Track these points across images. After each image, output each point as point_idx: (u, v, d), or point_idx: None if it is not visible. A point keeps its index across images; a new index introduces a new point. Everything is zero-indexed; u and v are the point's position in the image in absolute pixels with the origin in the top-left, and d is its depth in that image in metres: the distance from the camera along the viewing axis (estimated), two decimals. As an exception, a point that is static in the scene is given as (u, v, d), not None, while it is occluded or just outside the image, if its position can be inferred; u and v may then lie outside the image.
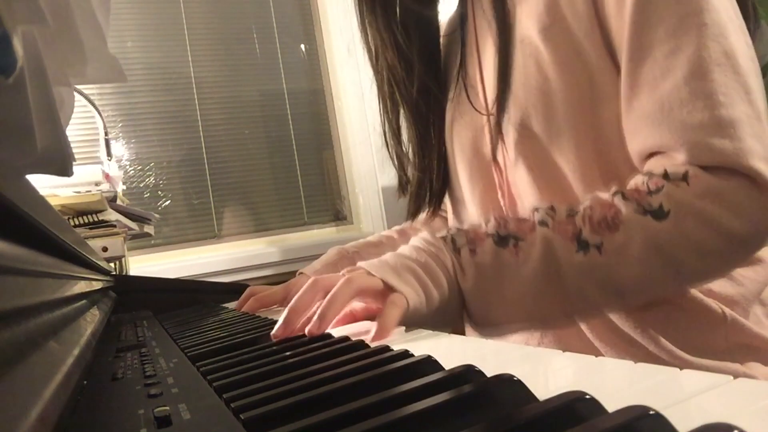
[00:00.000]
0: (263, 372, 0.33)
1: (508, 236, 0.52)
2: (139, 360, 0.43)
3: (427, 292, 0.50)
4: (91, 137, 1.69)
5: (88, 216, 1.03)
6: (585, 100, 0.59)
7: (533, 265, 0.51)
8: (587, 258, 0.50)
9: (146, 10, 2.02)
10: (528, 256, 0.51)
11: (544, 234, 0.51)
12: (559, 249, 0.51)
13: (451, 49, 0.78)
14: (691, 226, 0.49)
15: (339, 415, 0.22)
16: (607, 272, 0.50)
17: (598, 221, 0.51)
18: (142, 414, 0.27)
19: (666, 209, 0.49)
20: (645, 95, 0.54)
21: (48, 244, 0.36)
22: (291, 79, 2.19)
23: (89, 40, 0.41)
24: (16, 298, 0.22)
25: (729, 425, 0.16)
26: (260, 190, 2.12)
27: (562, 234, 0.51)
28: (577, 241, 0.51)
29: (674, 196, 0.49)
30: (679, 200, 0.49)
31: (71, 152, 0.40)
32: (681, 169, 0.50)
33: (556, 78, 0.60)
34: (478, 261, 0.52)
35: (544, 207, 0.54)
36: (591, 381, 0.25)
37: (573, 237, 0.51)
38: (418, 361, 0.29)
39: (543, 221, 0.52)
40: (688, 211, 0.49)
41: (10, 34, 0.24)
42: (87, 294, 0.54)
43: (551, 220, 0.52)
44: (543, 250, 0.51)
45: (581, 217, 0.51)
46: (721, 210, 0.49)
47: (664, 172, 0.50)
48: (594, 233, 0.50)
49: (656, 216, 0.49)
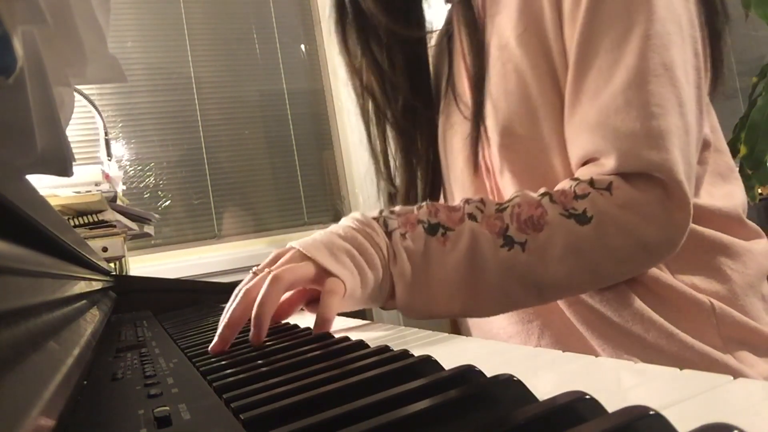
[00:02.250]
0: (263, 372, 0.33)
1: (438, 225, 0.54)
2: (139, 360, 0.43)
3: (362, 274, 0.51)
4: (91, 137, 1.69)
5: (88, 216, 1.03)
6: (559, 103, 0.60)
7: (458, 255, 0.53)
8: (510, 254, 0.53)
9: (146, 10, 2.02)
10: (454, 246, 0.53)
11: (472, 227, 0.54)
12: (485, 243, 0.53)
13: (441, 59, 0.79)
14: (611, 234, 0.52)
15: (339, 415, 0.22)
16: (529, 269, 0.53)
17: (524, 220, 0.53)
18: (142, 414, 0.27)
19: (589, 215, 0.52)
20: (586, 103, 0.56)
21: (48, 244, 0.36)
22: (291, 79, 2.19)
23: (89, 40, 0.41)
24: (16, 298, 0.22)
25: (729, 425, 0.16)
26: (260, 190, 2.12)
27: (489, 228, 0.54)
28: (502, 237, 0.53)
29: (598, 203, 0.52)
30: (602, 208, 0.52)
31: (71, 152, 0.40)
32: (606, 179, 0.53)
33: (533, 83, 0.61)
34: (407, 246, 0.54)
35: (475, 200, 0.56)
36: (591, 381, 0.25)
37: (499, 232, 0.53)
38: (417, 362, 0.29)
39: (472, 214, 0.54)
40: (609, 219, 0.52)
41: (10, 34, 0.24)
42: (87, 294, 0.54)
43: (480, 214, 0.54)
44: (469, 242, 0.53)
45: (509, 214, 0.54)
46: (639, 220, 0.52)
47: (591, 180, 0.53)
48: (520, 231, 0.53)
49: (579, 220, 0.52)
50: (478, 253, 0.53)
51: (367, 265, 0.52)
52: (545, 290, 0.55)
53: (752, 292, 0.61)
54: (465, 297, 0.54)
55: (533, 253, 0.53)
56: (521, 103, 0.62)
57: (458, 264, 0.53)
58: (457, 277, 0.53)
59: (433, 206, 0.56)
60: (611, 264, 0.54)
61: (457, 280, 0.53)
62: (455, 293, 0.54)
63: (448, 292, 0.54)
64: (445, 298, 0.54)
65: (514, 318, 0.67)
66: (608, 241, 0.52)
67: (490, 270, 0.53)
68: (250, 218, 2.08)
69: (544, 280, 0.53)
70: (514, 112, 0.63)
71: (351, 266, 0.51)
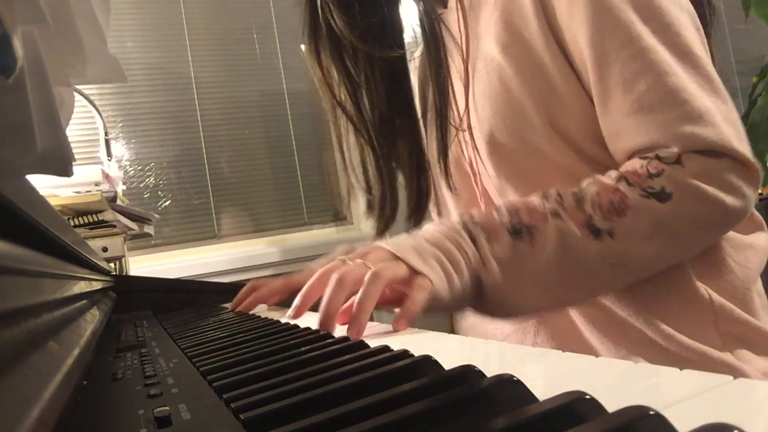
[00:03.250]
0: (263, 372, 0.33)
1: (521, 228, 0.55)
2: (139, 360, 0.43)
3: (449, 278, 0.52)
4: (91, 137, 1.69)
5: (88, 216, 1.03)
6: (550, 109, 0.62)
7: (549, 256, 0.54)
8: (600, 244, 0.53)
9: (146, 10, 2.02)
10: (543, 247, 0.54)
11: (558, 224, 0.54)
12: (573, 238, 0.54)
13: (425, 70, 0.79)
14: (691, 204, 0.53)
15: (339, 415, 0.22)
16: (620, 255, 0.54)
17: (607, 207, 0.54)
18: (142, 414, 0.27)
19: (668, 191, 0.53)
20: (620, 97, 0.57)
21: (48, 244, 0.36)
22: (291, 79, 2.19)
23: (89, 40, 0.41)
24: (16, 298, 0.22)
25: (729, 425, 0.16)
26: (260, 190, 2.12)
27: (574, 223, 0.54)
28: (589, 228, 0.54)
29: (673, 177, 0.53)
30: (678, 181, 0.53)
31: (71, 152, 0.40)
32: (674, 153, 0.54)
33: (520, 90, 0.62)
34: (496, 252, 0.54)
35: (552, 194, 0.56)
36: (591, 381, 0.25)
37: (585, 224, 0.54)
38: (417, 361, 0.29)
39: (555, 211, 0.55)
40: (687, 191, 0.53)
41: (10, 34, 0.24)
42: (87, 294, 0.54)
43: (562, 210, 0.55)
44: (558, 240, 0.54)
45: (590, 204, 0.54)
46: (714, 186, 0.53)
47: (659, 156, 0.55)
48: (604, 219, 0.54)
49: (660, 198, 0.53)
50: (568, 249, 0.54)
51: (453, 270, 0.52)
52: (636, 270, 0.56)
53: (751, 287, 0.61)
54: (556, 293, 0.55)
55: (622, 239, 0.53)
56: (506, 112, 0.63)
57: (549, 263, 0.54)
58: (550, 275, 0.54)
59: (513, 206, 0.56)
60: (697, 232, 0.56)
61: (549, 278, 0.54)
62: (546, 291, 0.55)
63: (538, 291, 0.55)
64: (535, 297, 0.55)
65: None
66: (690, 212, 0.54)
67: (582, 263, 0.54)
68: (250, 218, 2.08)
69: (636, 260, 0.55)
70: (500, 120, 0.64)
71: (439, 270, 0.51)
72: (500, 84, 0.63)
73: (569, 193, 0.56)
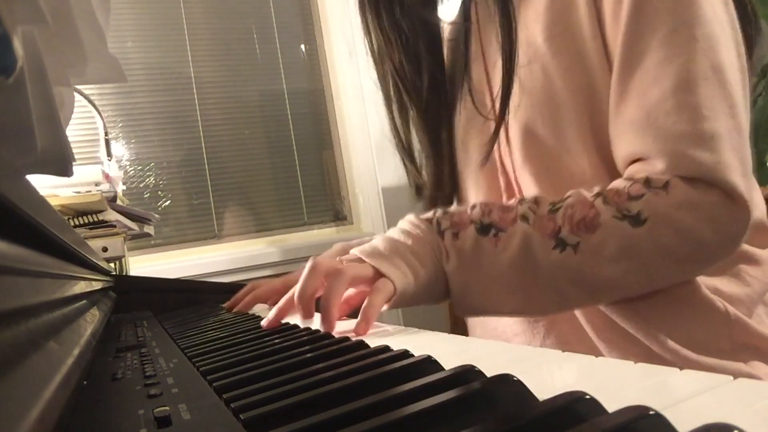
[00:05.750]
0: (263, 372, 0.33)
1: (490, 225, 0.55)
2: (139, 360, 0.43)
3: (414, 272, 0.54)
4: (91, 137, 1.69)
5: (88, 216, 1.03)
6: (589, 105, 0.60)
7: (510, 255, 0.54)
8: (563, 256, 0.53)
9: (146, 10, 2.01)
10: (506, 247, 0.54)
11: (524, 228, 0.54)
12: (537, 244, 0.54)
13: (456, 53, 0.78)
14: (666, 235, 0.51)
15: (339, 415, 0.22)
16: (581, 271, 0.53)
17: (577, 221, 0.53)
18: (142, 414, 0.27)
19: (644, 217, 0.52)
20: (633, 102, 0.55)
21: (48, 244, 0.36)
22: (291, 79, 2.19)
23: (89, 40, 0.41)
24: (16, 298, 0.22)
25: (729, 425, 0.16)
26: (260, 190, 2.12)
27: (541, 230, 0.54)
28: (555, 239, 0.54)
29: (653, 204, 0.52)
30: (658, 209, 0.51)
31: (71, 152, 0.40)
32: (662, 177, 0.52)
33: (561, 83, 0.61)
34: (459, 246, 0.55)
35: (528, 200, 0.56)
36: (591, 381, 0.25)
37: (552, 234, 0.54)
38: (418, 361, 0.29)
39: (525, 215, 0.55)
40: (664, 221, 0.51)
41: (10, 34, 0.24)
42: (87, 294, 0.54)
43: (533, 215, 0.55)
44: (521, 243, 0.54)
45: (562, 215, 0.54)
46: (696, 221, 0.51)
47: (646, 179, 0.53)
48: (572, 233, 0.53)
49: (634, 222, 0.52)
50: (530, 254, 0.54)
51: (419, 263, 0.54)
52: (598, 291, 0.55)
53: (762, 299, 0.61)
54: (518, 296, 0.55)
55: (586, 255, 0.52)
56: (545, 104, 0.62)
57: (510, 264, 0.54)
58: (510, 277, 0.54)
59: (487, 206, 0.57)
60: (667, 265, 0.53)
61: (510, 279, 0.54)
62: (508, 292, 0.55)
63: (500, 291, 0.55)
64: (497, 296, 0.55)
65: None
66: (664, 242, 0.51)
67: (542, 271, 0.53)
68: (250, 218, 2.08)
69: (598, 281, 0.53)
70: (537, 112, 0.62)
71: (403, 266, 0.53)
72: (543, 75, 0.62)
73: (547, 201, 0.56)
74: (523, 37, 0.64)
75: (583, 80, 0.60)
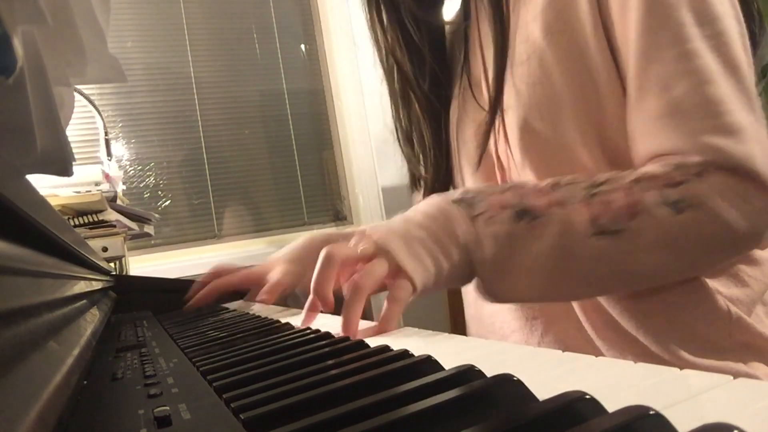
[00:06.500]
0: (263, 372, 0.33)
1: (525, 211, 0.53)
2: (139, 360, 0.43)
3: (437, 265, 0.51)
4: (91, 137, 1.69)
5: (88, 216, 1.03)
6: (589, 100, 0.60)
7: (546, 243, 0.52)
8: (601, 243, 0.51)
9: (146, 10, 2.02)
10: (542, 234, 0.52)
11: (561, 214, 0.52)
12: (574, 232, 0.52)
13: (455, 46, 0.79)
14: (705, 222, 0.51)
15: (339, 415, 0.22)
16: (619, 258, 0.52)
17: (617, 207, 0.51)
18: (142, 414, 0.27)
19: (685, 204, 0.51)
20: (654, 97, 0.55)
21: (48, 244, 0.36)
22: (291, 79, 2.19)
23: (89, 40, 0.41)
24: (16, 298, 0.22)
25: (729, 425, 0.16)
26: (260, 190, 2.12)
27: (579, 216, 0.52)
28: (593, 225, 0.52)
29: (693, 191, 0.51)
30: (698, 195, 0.51)
31: (71, 152, 0.40)
32: (697, 167, 0.52)
33: (560, 78, 0.60)
34: (492, 234, 0.52)
35: (564, 182, 0.54)
36: (591, 381, 0.25)
37: (590, 220, 0.52)
38: (418, 361, 0.29)
39: (562, 200, 0.53)
40: (704, 208, 0.51)
41: (10, 34, 0.24)
42: (87, 294, 0.54)
43: (571, 199, 0.53)
44: (559, 230, 0.52)
45: (601, 200, 0.52)
46: (731, 209, 0.51)
47: (681, 165, 0.52)
48: (612, 219, 0.51)
49: (675, 209, 0.51)
50: (567, 241, 0.52)
51: (442, 254, 0.51)
52: (633, 279, 0.54)
53: (761, 299, 0.61)
54: (547, 284, 0.53)
55: (625, 243, 0.51)
56: (543, 98, 0.61)
57: (545, 252, 0.52)
58: (543, 265, 0.52)
59: (522, 188, 0.55)
60: (703, 252, 0.53)
61: (542, 268, 0.52)
62: (537, 280, 0.53)
63: (529, 279, 0.53)
64: (526, 284, 0.53)
65: (518, 313, 0.67)
66: (702, 230, 0.51)
67: (578, 259, 0.52)
68: (250, 218, 2.08)
69: (634, 268, 0.52)
70: (534, 107, 0.62)
71: (427, 260, 0.50)
72: (540, 69, 0.61)
73: (581, 184, 0.54)
74: (521, 34, 0.64)
75: (584, 75, 0.59)
